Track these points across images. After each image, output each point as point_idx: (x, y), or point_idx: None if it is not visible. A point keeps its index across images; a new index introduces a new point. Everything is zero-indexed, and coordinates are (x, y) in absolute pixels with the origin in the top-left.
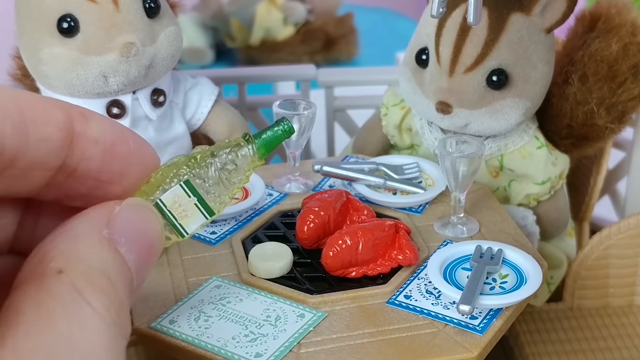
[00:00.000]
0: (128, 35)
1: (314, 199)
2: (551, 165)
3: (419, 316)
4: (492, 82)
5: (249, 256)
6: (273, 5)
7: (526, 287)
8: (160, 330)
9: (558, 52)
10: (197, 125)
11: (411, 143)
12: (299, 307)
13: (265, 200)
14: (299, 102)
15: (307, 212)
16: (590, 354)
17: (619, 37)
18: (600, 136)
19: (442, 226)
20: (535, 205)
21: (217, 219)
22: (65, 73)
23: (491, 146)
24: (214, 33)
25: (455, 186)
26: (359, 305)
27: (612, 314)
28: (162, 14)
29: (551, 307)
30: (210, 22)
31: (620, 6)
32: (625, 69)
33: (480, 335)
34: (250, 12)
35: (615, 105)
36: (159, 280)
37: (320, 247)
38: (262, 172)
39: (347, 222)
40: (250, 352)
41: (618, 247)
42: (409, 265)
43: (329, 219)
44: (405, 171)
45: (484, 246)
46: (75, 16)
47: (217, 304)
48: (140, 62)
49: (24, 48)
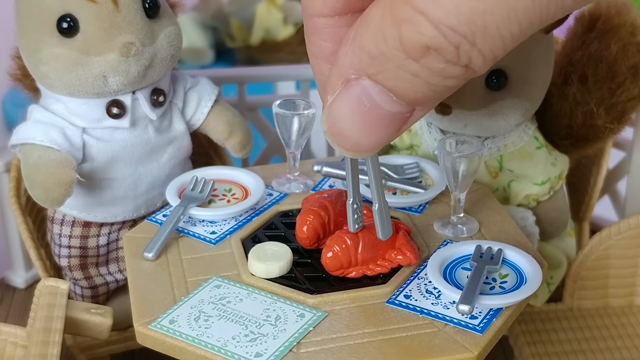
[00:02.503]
0: (128, 35)
1: (314, 199)
2: (551, 166)
3: (419, 316)
4: (491, 83)
5: (249, 256)
6: (273, 5)
7: (526, 287)
8: (160, 330)
9: (557, 52)
10: (197, 125)
11: (410, 143)
12: (299, 307)
13: (265, 200)
14: (299, 102)
15: (307, 212)
16: (590, 354)
17: (618, 38)
18: (600, 136)
19: (442, 226)
20: (535, 205)
21: (217, 219)
22: (65, 73)
23: (490, 147)
24: (214, 33)
25: (455, 186)
26: (359, 305)
27: (612, 314)
28: (162, 14)
29: (551, 308)
30: (210, 22)
31: (620, 6)
32: (625, 69)
33: (480, 335)
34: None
35: (614, 105)
36: (159, 280)
37: (320, 247)
38: (262, 172)
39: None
40: (250, 351)
41: (618, 247)
42: (408, 265)
43: (329, 219)
44: (405, 171)
45: (484, 246)
46: (75, 16)
47: (217, 304)
48: (140, 62)
49: (24, 48)
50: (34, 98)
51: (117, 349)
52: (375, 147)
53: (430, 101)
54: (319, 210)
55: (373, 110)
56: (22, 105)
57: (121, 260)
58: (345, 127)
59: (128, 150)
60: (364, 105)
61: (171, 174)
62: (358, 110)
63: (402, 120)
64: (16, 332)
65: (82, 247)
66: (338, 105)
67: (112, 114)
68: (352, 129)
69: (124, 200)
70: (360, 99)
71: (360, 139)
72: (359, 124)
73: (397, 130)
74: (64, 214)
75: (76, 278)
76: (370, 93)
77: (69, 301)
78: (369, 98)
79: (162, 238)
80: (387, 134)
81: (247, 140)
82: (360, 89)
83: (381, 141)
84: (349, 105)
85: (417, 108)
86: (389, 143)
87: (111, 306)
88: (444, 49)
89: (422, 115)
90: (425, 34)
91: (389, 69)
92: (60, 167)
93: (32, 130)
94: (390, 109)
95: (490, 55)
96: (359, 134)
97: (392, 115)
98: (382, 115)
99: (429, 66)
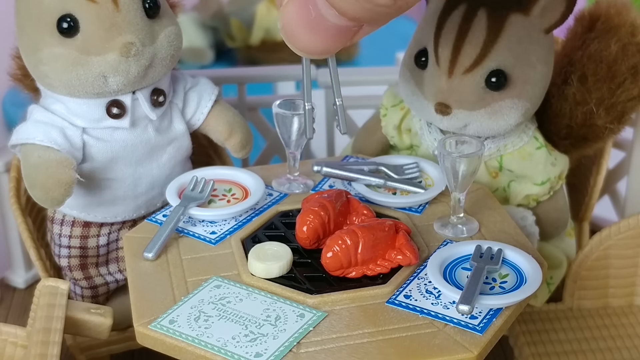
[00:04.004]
0: (128, 35)
1: (314, 199)
2: (550, 166)
3: (419, 316)
4: (491, 83)
5: (249, 256)
6: (273, 5)
7: (526, 287)
8: (160, 331)
9: (557, 52)
10: (197, 125)
11: (411, 144)
12: (299, 307)
13: (265, 200)
14: (299, 102)
15: (307, 212)
16: (590, 354)
17: (618, 38)
18: (600, 136)
19: (442, 226)
20: (535, 205)
21: (217, 219)
22: (65, 73)
23: (490, 147)
24: (214, 33)
25: (455, 186)
26: (359, 305)
27: (612, 314)
28: (162, 14)
29: (551, 308)
30: (210, 22)
31: (620, 6)
32: (625, 69)
33: (480, 335)
34: (250, 12)
35: (614, 105)
36: (159, 280)
37: (320, 247)
38: (262, 172)
39: (347, 222)
40: (250, 352)
41: (618, 247)
42: (408, 265)
43: (329, 219)
44: (405, 171)
45: (484, 246)
46: (75, 16)
47: (217, 304)
48: (140, 62)
49: (24, 48)
50: (34, 98)
51: (117, 349)
52: (325, 52)
53: (373, 22)
54: (319, 210)
55: (319, 20)
56: (22, 105)
57: (121, 260)
58: (296, 30)
59: (128, 150)
60: (310, 14)
61: (171, 174)
62: (306, 18)
63: (350, 33)
64: (16, 332)
65: (82, 247)
66: (290, 9)
67: (112, 114)
68: (302, 33)
69: (124, 200)
70: (308, 7)
71: (308, 43)
72: (307, 30)
73: (347, 41)
74: (64, 214)
75: (76, 278)
76: (317, 4)
77: (69, 301)
78: (316, 8)
79: (162, 238)
80: (335, 43)
81: (247, 140)
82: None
83: (330, 48)
84: (298, 11)
85: (365, 25)
86: (389, 144)
87: (111, 306)
88: None
89: (371, 30)
90: None
91: None
92: (60, 167)
93: (32, 130)
94: (336, 22)
95: None
96: (308, 39)
97: (337, 27)
98: (328, 26)
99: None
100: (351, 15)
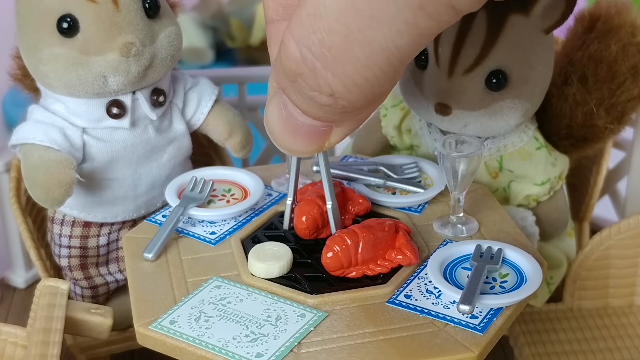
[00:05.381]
0: (128, 35)
1: (310, 189)
2: (550, 166)
3: (419, 316)
4: (491, 83)
5: (249, 256)
6: None
7: (526, 287)
8: (160, 331)
9: (557, 52)
10: (197, 125)
11: (411, 144)
12: (299, 307)
13: (264, 201)
14: None
15: (305, 202)
16: (591, 354)
17: (618, 38)
18: (600, 137)
19: (441, 226)
20: (535, 206)
21: (216, 220)
22: (65, 73)
23: (490, 147)
24: (214, 33)
25: (454, 186)
26: (360, 305)
27: (612, 315)
28: (162, 14)
29: (551, 308)
30: (210, 22)
31: (620, 6)
32: (625, 69)
33: (480, 335)
34: (250, 12)
35: (614, 105)
36: (159, 281)
37: (319, 238)
38: (261, 172)
39: (344, 211)
40: (251, 352)
41: (618, 247)
42: (408, 265)
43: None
44: (404, 171)
45: (484, 245)
46: (75, 16)
47: (217, 304)
48: (140, 62)
49: (24, 48)
50: (34, 98)
51: (117, 349)
52: (302, 152)
53: (336, 122)
54: (316, 200)
55: (289, 119)
56: (22, 105)
57: (121, 260)
58: (274, 128)
59: (128, 150)
60: (282, 112)
61: (171, 174)
62: (279, 116)
63: (320, 133)
64: (16, 332)
65: (82, 247)
66: (269, 108)
67: (112, 114)
68: (279, 132)
69: (124, 201)
70: (279, 106)
71: (286, 142)
72: (282, 128)
73: (322, 141)
74: (64, 214)
75: (76, 278)
76: (286, 103)
77: (69, 301)
78: (286, 107)
79: (162, 238)
80: (309, 143)
81: (247, 140)
82: (279, 97)
83: (306, 148)
84: (274, 111)
85: (333, 125)
86: (389, 144)
87: (111, 306)
88: (304, 74)
89: (344, 132)
90: (291, 57)
91: (286, 87)
92: (60, 167)
93: (32, 130)
94: (304, 121)
95: (350, 82)
96: (285, 138)
97: (307, 126)
98: (298, 125)
99: (301, 91)
100: (313, 114)
